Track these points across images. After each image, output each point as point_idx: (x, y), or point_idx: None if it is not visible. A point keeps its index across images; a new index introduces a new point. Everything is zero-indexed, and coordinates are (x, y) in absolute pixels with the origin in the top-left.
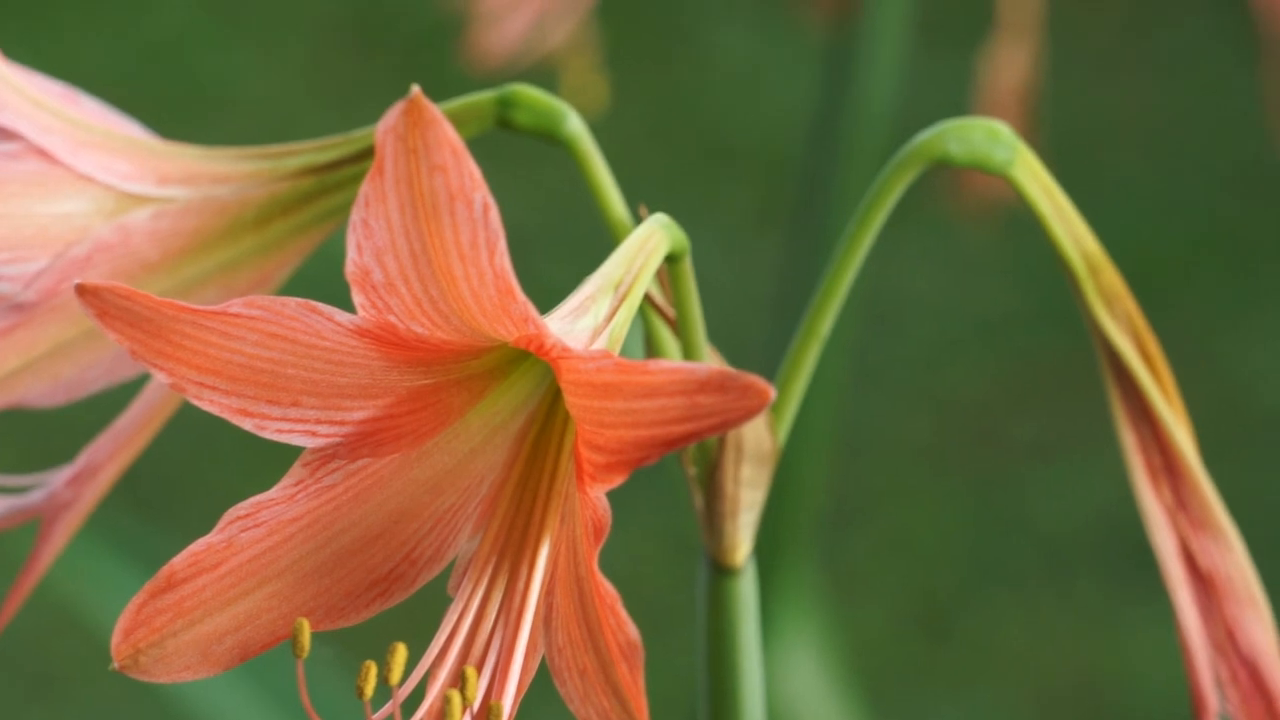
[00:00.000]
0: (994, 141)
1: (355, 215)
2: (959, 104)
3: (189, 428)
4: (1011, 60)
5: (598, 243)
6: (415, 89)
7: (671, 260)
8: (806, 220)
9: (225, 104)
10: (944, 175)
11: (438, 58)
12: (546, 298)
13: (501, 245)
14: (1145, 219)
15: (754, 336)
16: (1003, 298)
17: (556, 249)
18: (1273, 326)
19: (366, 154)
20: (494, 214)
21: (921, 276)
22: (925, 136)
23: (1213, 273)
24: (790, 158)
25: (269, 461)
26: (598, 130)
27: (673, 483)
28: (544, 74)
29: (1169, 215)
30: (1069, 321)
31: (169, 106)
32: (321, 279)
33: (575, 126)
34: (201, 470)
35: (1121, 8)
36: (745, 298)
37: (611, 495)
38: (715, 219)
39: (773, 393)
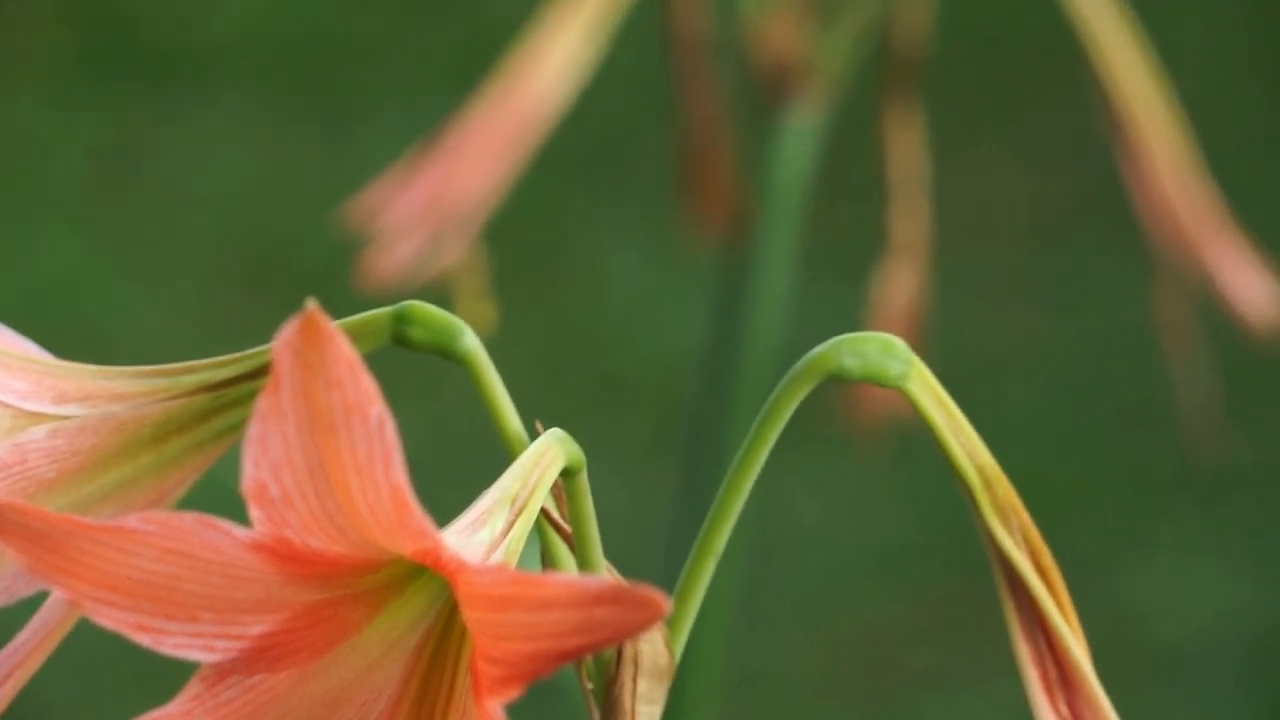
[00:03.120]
0: (889, 355)
1: (251, 430)
2: (848, 331)
3: (79, 643)
4: (902, 282)
5: (493, 469)
6: (310, 304)
7: (567, 475)
8: (699, 449)
9: (116, 341)
10: (836, 399)
11: (328, 290)
12: (443, 520)
13: (398, 459)
14: (1036, 450)
15: (651, 566)
16: (896, 528)
17: (451, 474)
18: (1168, 560)
19: (262, 370)
20: (390, 428)
21: (814, 506)
22: (820, 350)
23: (1105, 505)
24: (683, 386)
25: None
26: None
27: (571, 699)
28: (435, 298)
29: (1060, 446)
30: (962, 553)
31: (58, 345)
32: (217, 496)
33: (471, 342)
34: (93, 693)
35: (1011, 235)
36: (641, 528)
37: (510, 710)
38: (609, 449)
39: (668, 605)
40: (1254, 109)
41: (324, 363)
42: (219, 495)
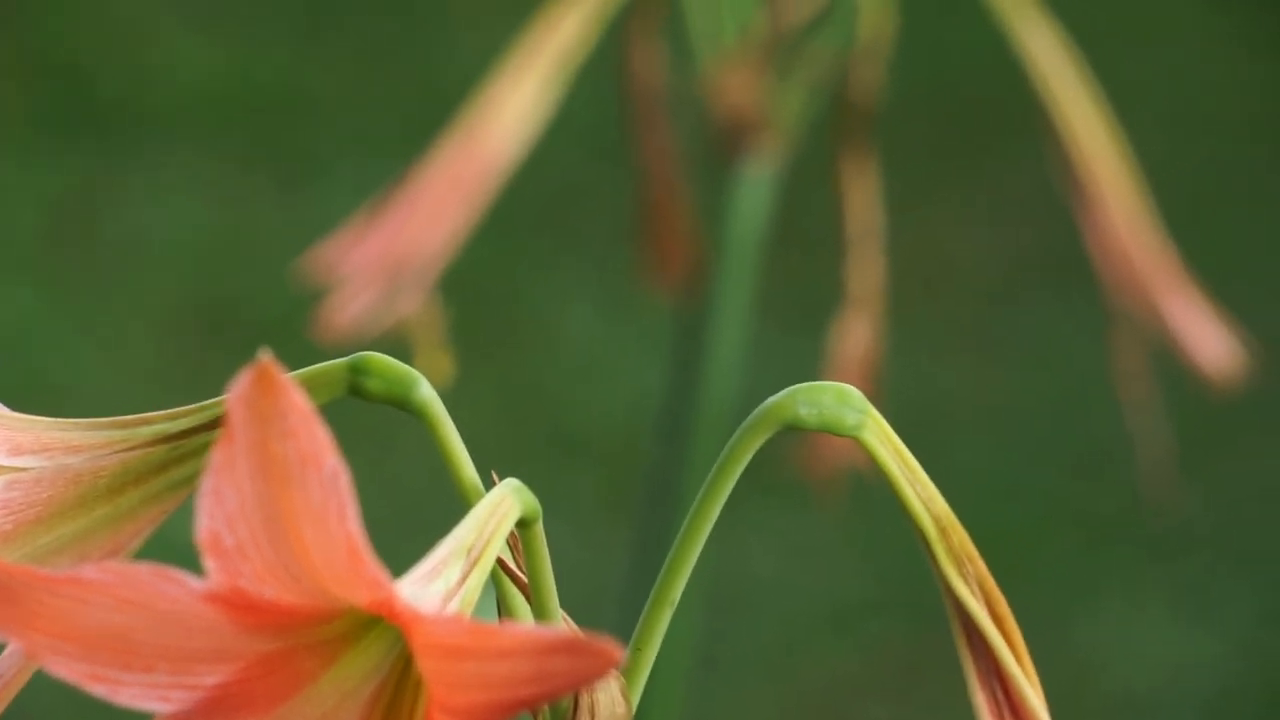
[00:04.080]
0: (844, 404)
1: (206, 482)
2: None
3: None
4: (858, 334)
5: (449, 522)
6: (265, 356)
7: (523, 525)
8: (656, 502)
9: (70, 395)
10: (792, 450)
11: (284, 343)
12: (398, 572)
13: (352, 510)
14: (989, 501)
15: (606, 619)
16: (853, 581)
17: (406, 527)
18: (1121, 608)
19: (218, 422)
20: (345, 479)
21: (771, 559)
22: (776, 399)
23: (1059, 556)
24: (639, 439)
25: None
26: None
27: None
28: (391, 350)
29: (1014, 497)
30: (919, 606)
31: (12, 398)
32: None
33: (427, 393)
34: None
35: (965, 287)
36: (597, 583)
37: None
38: (564, 504)
39: (623, 654)
40: (1208, 164)
41: (278, 414)
42: (170, 552)
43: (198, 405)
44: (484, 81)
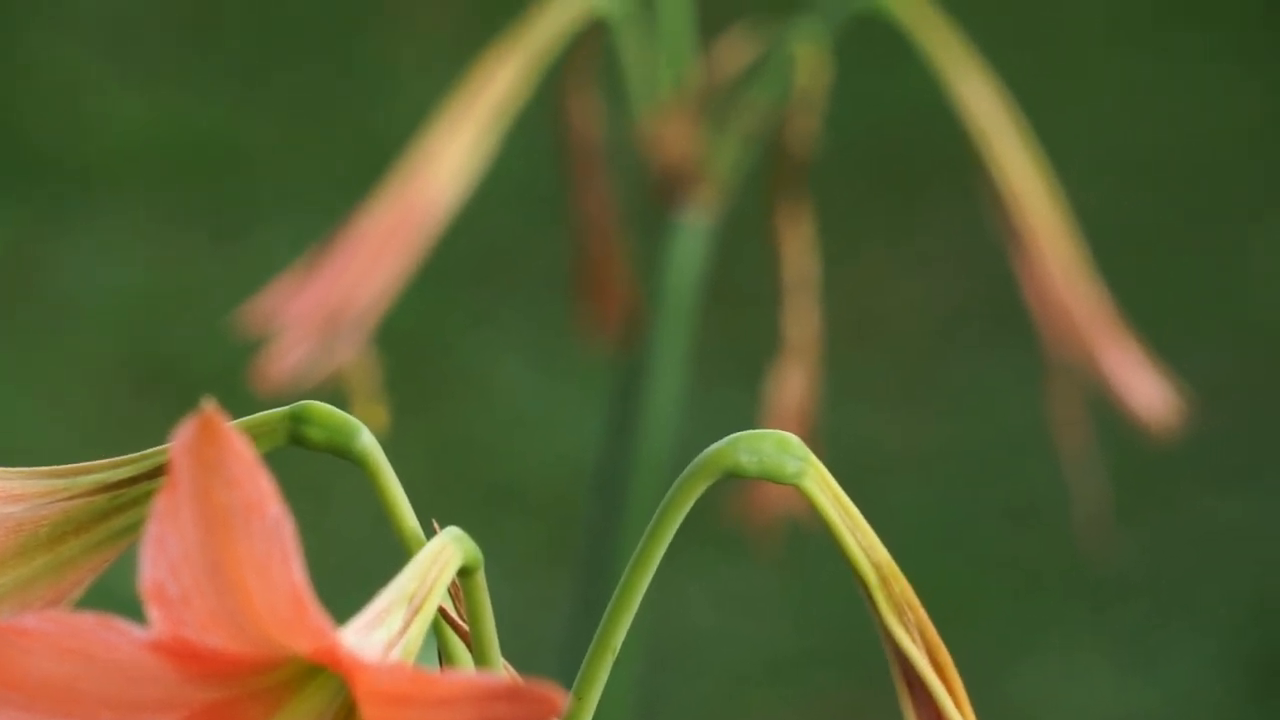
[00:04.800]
0: (785, 452)
1: (149, 530)
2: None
3: None
4: (794, 384)
5: (390, 571)
6: (207, 404)
7: (464, 574)
8: (595, 555)
9: (8, 451)
10: (732, 501)
11: (223, 395)
12: (341, 620)
13: (296, 558)
14: (926, 551)
15: (546, 671)
16: (792, 634)
17: (348, 576)
18: (1059, 657)
19: (160, 470)
20: (288, 527)
21: (710, 611)
22: (717, 447)
23: (996, 606)
24: (576, 493)
25: None
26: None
27: None
28: (328, 401)
29: (950, 547)
30: (859, 659)
31: None
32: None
33: (367, 441)
34: None
35: (902, 337)
36: (536, 637)
37: None
38: (501, 558)
39: (564, 700)
40: (1141, 212)
41: (221, 462)
42: (112, 602)
43: (139, 454)
44: (421, 133)
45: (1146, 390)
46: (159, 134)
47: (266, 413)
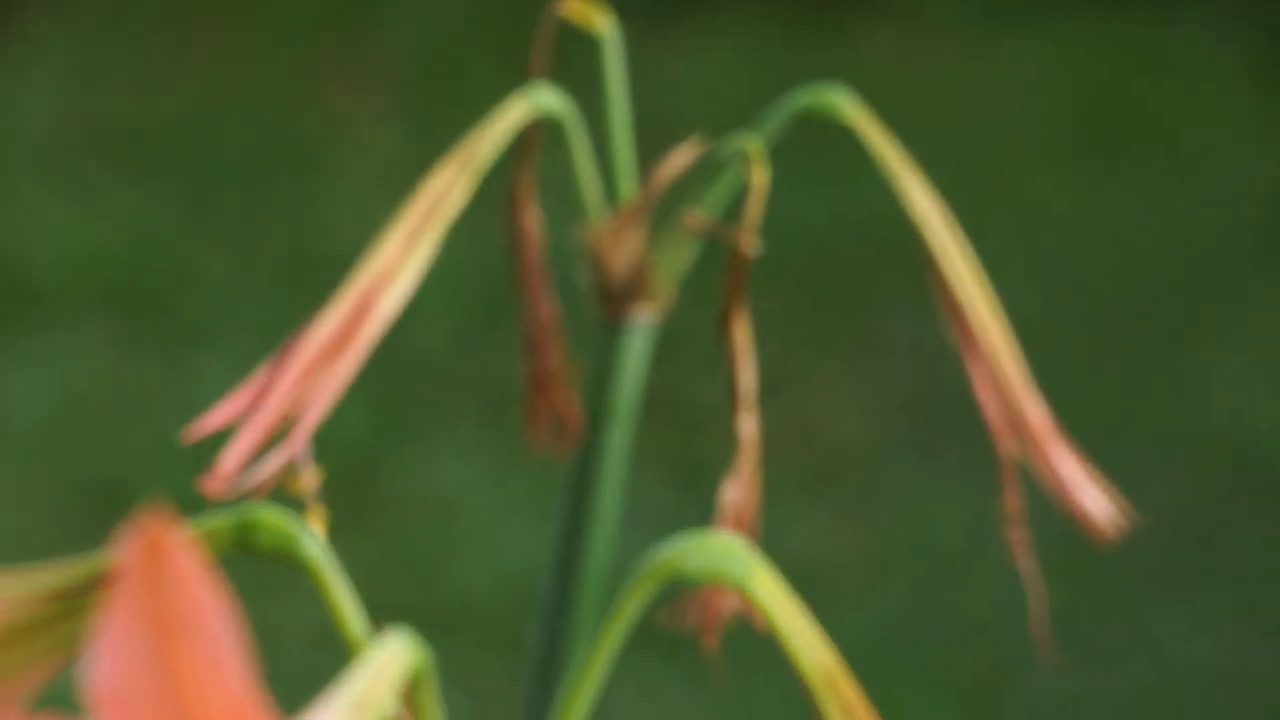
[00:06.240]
0: (730, 556)
1: (97, 636)
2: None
3: None
4: (735, 491)
5: (335, 676)
6: (155, 510)
7: (414, 677)
8: (542, 666)
9: None
10: (667, 609)
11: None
12: None
13: (245, 664)
14: (866, 656)
15: None
16: None
17: (294, 682)
18: None
19: (107, 578)
20: (236, 633)
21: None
22: (664, 552)
23: (937, 712)
24: (526, 603)
25: None
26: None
27: None
28: (276, 505)
29: (889, 653)
30: None
31: None
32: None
33: (314, 548)
34: None
35: (844, 443)
36: None
37: None
38: (449, 671)
39: None
40: (1079, 323)
41: (168, 570)
42: (60, 707)
43: (87, 560)
44: (368, 248)
45: (1092, 499)
46: (101, 254)
47: (213, 520)
